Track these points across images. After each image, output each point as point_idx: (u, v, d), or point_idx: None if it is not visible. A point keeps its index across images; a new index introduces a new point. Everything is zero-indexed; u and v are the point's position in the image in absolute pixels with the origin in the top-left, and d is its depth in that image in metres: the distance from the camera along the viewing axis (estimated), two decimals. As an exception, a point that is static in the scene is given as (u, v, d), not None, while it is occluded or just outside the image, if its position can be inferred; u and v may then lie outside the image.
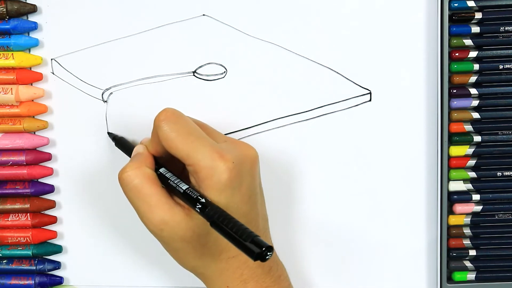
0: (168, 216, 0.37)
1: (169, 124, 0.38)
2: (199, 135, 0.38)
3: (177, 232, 0.38)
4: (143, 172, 0.38)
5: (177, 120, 0.38)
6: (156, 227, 0.38)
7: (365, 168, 0.48)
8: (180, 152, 0.37)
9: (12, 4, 0.46)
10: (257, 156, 0.40)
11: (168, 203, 0.37)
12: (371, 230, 0.48)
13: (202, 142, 0.37)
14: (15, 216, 0.48)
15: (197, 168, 0.37)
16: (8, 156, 0.47)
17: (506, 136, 0.47)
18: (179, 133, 0.38)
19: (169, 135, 0.38)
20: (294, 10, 0.47)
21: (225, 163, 0.37)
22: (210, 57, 0.47)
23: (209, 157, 0.37)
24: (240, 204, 0.38)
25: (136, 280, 0.49)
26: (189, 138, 0.37)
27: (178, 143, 0.37)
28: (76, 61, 0.47)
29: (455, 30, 0.46)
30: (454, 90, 0.46)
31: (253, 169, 0.39)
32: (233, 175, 0.37)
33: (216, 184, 0.37)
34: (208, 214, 0.35)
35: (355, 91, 0.47)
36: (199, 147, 0.37)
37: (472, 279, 0.48)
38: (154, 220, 0.37)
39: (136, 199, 0.38)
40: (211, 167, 0.37)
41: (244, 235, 0.33)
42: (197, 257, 0.39)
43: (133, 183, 0.38)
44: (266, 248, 0.32)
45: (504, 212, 0.47)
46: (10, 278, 0.48)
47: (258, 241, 0.32)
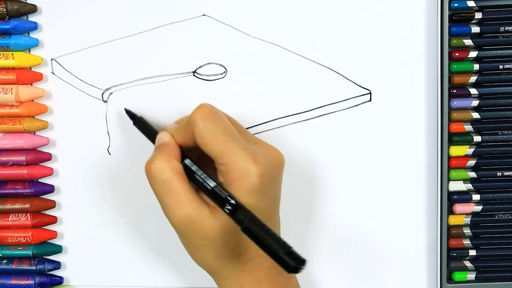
0: (195, 213, 0.37)
1: (206, 122, 0.38)
2: (235, 136, 0.38)
3: (201, 230, 0.37)
4: (172, 166, 0.38)
5: (214, 118, 0.38)
6: (181, 223, 0.37)
7: (365, 168, 0.48)
8: (215, 151, 0.37)
9: (12, 4, 0.46)
10: (284, 162, 0.40)
11: (196, 200, 0.37)
12: (371, 230, 0.48)
13: (237, 144, 0.37)
14: (15, 216, 0.48)
15: (229, 169, 0.37)
16: (8, 156, 0.47)
17: (506, 136, 0.47)
18: (216, 132, 0.37)
19: (206, 133, 0.37)
20: (294, 10, 0.47)
21: (258, 167, 0.37)
22: (210, 57, 0.47)
23: (243, 159, 0.37)
24: (266, 209, 0.38)
25: (136, 280, 0.49)
26: (225, 139, 0.37)
27: (214, 142, 0.37)
28: (76, 61, 0.47)
29: (455, 30, 0.46)
30: (454, 90, 0.46)
31: (280, 175, 0.40)
32: (264, 180, 0.37)
33: (247, 187, 0.37)
34: (239, 217, 0.35)
35: (355, 91, 0.47)
36: (234, 148, 0.37)
37: (472, 279, 0.48)
38: (181, 216, 0.37)
39: (164, 194, 0.38)
40: (244, 169, 0.37)
41: (279, 246, 0.33)
42: (216, 256, 0.39)
43: (162, 177, 0.38)
44: (302, 260, 0.32)
45: (504, 212, 0.47)
46: (10, 278, 0.48)
47: (293, 253, 0.32)
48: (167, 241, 0.49)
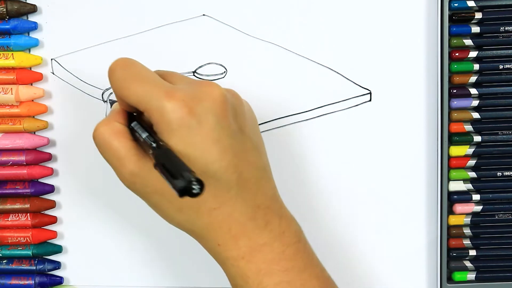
0: (137, 168, 0.35)
1: (118, 72, 0.36)
2: (149, 77, 0.35)
3: (148, 184, 0.35)
4: (112, 127, 0.36)
5: (126, 67, 0.36)
6: (127, 181, 0.36)
7: (365, 168, 0.48)
8: (132, 99, 0.35)
9: (12, 4, 0.46)
10: (220, 93, 0.35)
11: (136, 155, 0.35)
12: (371, 230, 0.48)
13: (151, 84, 0.35)
14: (15, 216, 0.48)
15: (149, 113, 0.34)
16: (8, 156, 0.47)
17: (506, 136, 0.47)
18: (128, 79, 0.35)
19: (119, 84, 0.35)
20: (294, 10, 0.47)
21: (174, 101, 0.33)
22: (210, 57, 0.47)
23: (156, 98, 0.34)
24: (205, 146, 0.34)
25: (136, 280, 0.49)
26: (138, 82, 0.35)
27: (128, 90, 0.35)
28: (76, 61, 0.47)
29: (455, 30, 0.46)
30: (454, 90, 0.46)
31: (218, 108, 0.34)
32: (185, 114, 0.33)
33: (167, 125, 0.33)
34: (155, 156, 0.32)
35: (355, 91, 0.47)
36: (148, 89, 0.34)
37: (472, 279, 0.48)
38: (125, 173, 0.36)
39: (107, 154, 0.36)
40: (160, 107, 0.33)
41: (176, 172, 0.30)
42: (177, 211, 0.36)
43: (103, 138, 0.36)
44: (192, 180, 0.29)
45: (504, 212, 0.47)
46: (10, 278, 0.48)
47: (185, 176, 0.29)
48: (167, 241, 0.49)
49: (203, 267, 0.49)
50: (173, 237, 0.49)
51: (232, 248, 0.36)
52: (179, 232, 0.48)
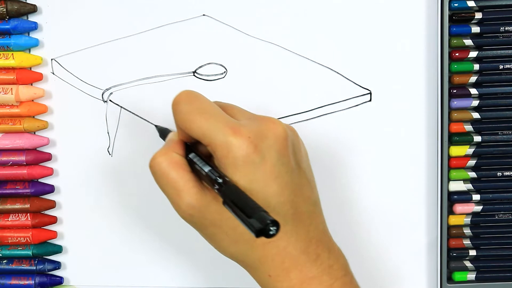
0: (195, 200, 0.36)
1: (182, 106, 0.36)
2: (214, 112, 0.36)
3: (206, 216, 0.36)
4: (170, 158, 0.37)
5: (190, 100, 0.37)
6: (185, 213, 0.36)
7: (365, 168, 0.48)
8: (196, 132, 0.35)
9: (12, 4, 0.46)
10: (283, 131, 0.36)
11: (195, 187, 0.36)
12: (371, 230, 0.48)
13: (216, 119, 0.35)
14: (15, 216, 0.48)
15: (213, 147, 0.35)
16: (8, 156, 0.47)
17: (506, 136, 0.47)
18: (193, 113, 0.36)
19: (184, 117, 0.36)
20: (294, 10, 0.47)
21: (240, 138, 0.34)
22: (210, 57, 0.47)
23: (222, 133, 0.34)
24: (267, 182, 0.35)
25: (136, 280, 0.49)
26: (203, 116, 0.35)
27: (193, 123, 0.35)
28: (76, 61, 0.47)
29: (455, 30, 0.46)
30: (454, 90, 0.46)
31: (280, 145, 0.36)
32: (251, 151, 0.34)
33: (232, 161, 0.34)
34: (223, 192, 0.33)
35: (355, 91, 0.47)
36: (213, 124, 0.35)
37: (472, 279, 0.48)
38: (182, 205, 0.36)
39: (164, 185, 0.37)
40: (225, 143, 0.34)
41: (250, 211, 0.30)
42: (232, 243, 0.37)
43: (161, 170, 0.37)
44: (270, 222, 0.29)
45: (504, 212, 0.47)
46: (10, 278, 0.48)
47: (261, 216, 0.30)
48: (167, 241, 0.49)
49: (203, 267, 0.49)
50: (173, 237, 0.49)
51: (283, 280, 0.36)
52: (179, 232, 0.49)
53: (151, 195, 0.48)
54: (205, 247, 0.48)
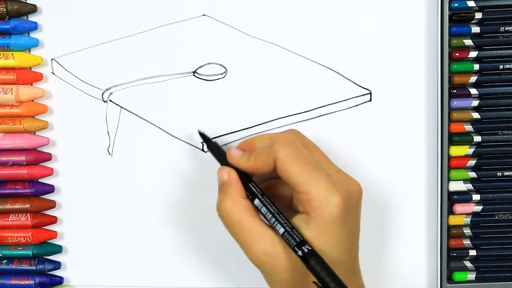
0: (269, 248, 0.38)
1: (289, 150, 0.38)
2: (317, 165, 0.39)
3: (279, 263, 0.38)
4: (239, 206, 0.39)
5: (297, 148, 0.39)
6: (258, 259, 0.38)
7: (365, 168, 0.48)
8: (298, 179, 0.38)
9: (12, 4, 0.46)
10: (361, 193, 0.40)
11: (269, 234, 0.38)
12: (371, 230, 0.48)
13: (319, 173, 0.38)
14: (15, 216, 0.48)
15: (310, 198, 0.37)
16: (8, 156, 0.47)
17: (506, 136, 0.47)
18: (299, 160, 0.38)
19: (289, 161, 0.38)
20: (294, 10, 0.47)
21: (339, 197, 0.37)
22: (210, 57, 0.47)
23: (324, 189, 0.37)
24: (346, 240, 0.38)
25: (136, 280, 0.49)
26: (308, 167, 0.38)
27: (298, 170, 0.38)
28: (76, 61, 0.47)
29: (455, 30, 0.46)
30: (454, 90, 0.46)
31: (358, 205, 0.40)
32: (344, 210, 0.37)
33: (328, 216, 0.37)
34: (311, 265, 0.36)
35: (355, 91, 0.47)
36: (316, 177, 0.38)
37: (472, 279, 0.48)
38: (257, 252, 0.38)
39: (238, 234, 0.39)
40: (325, 198, 0.37)
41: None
42: None
43: (233, 219, 0.38)
44: None
45: (504, 212, 0.47)
46: (10, 278, 0.48)
47: None
48: (166, 241, 0.49)
49: (203, 267, 0.49)
50: (173, 237, 0.49)
51: None
52: (178, 233, 0.49)
53: (151, 195, 0.48)
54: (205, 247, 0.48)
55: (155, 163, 0.48)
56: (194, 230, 0.48)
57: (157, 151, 0.48)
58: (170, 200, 0.48)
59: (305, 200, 0.38)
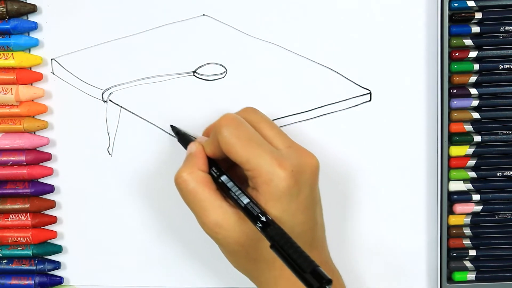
0: (221, 220, 0.38)
1: (230, 129, 0.38)
2: (260, 141, 0.39)
3: (231, 235, 0.38)
4: (195, 177, 0.39)
5: (238, 125, 0.39)
6: (211, 230, 0.38)
7: (365, 168, 0.48)
8: (240, 157, 0.38)
9: (12, 4, 0.46)
10: (317, 166, 0.40)
11: (222, 207, 0.38)
12: (371, 230, 0.48)
13: (262, 148, 0.38)
14: (15, 216, 0.48)
15: (256, 173, 0.37)
16: (8, 156, 0.47)
17: (506, 136, 0.47)
18: (240, 138, 0.38)
19: (230, 141, 0.38)
20: (294, 10, 0.47)
21: (284, 171, 0.37)
22: (210, 57, 0.47)
23: (268, 164, 0.37)
24: (296, 213, 0.38)
25: (136, 280, 0.49)
26: (250, 144, 0.38)
27: (239, 148, 0.38)
28: (76, 61, 0.47)
29: (455, 30, 0.46)
30: (454, 90, 0.46)
31: (313, 179, 0.39)
32: (292, 183, 0.37)
33: (273, 190, 0.37)
34: (269, 234, 0.35)
35: (355, 91, 0.47)
36: (260, 153, 0.37)
37: (472, 279, 0.48)
38: (209, 223, 0.38)
39: (191, 203, 0.39)
40: (270, 173, 0.37)
41: (304, 265, 0.32)
42: (251, 262, 0.39)
43: (188, 188, 0.39)
44: (325, 281, 0.32)
45: (504, 212, 0.47)
46: (10, 278, 0.48)
47: (318, 273, 0.32)
48: (167, 241, 0.49)
49: (203, 267, 0.49)
50: (173, 237, 0.49)
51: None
52: (178, 233, 0.49)
53: (151, 195, 0.48)
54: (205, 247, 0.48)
55: (155, 163, 0.48)
56: (194, 230, 0.48)
57: (157, 151, 0.48)
58: (170, 200, 0.48)
59: (252, 177, 0.38)
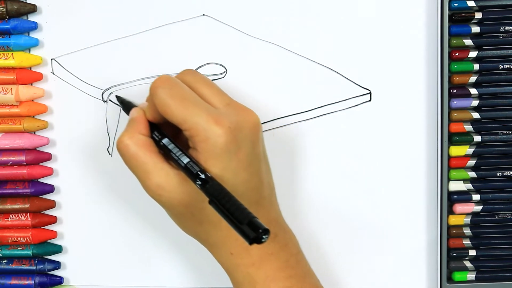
0: (164, 182, 0.37)
1: (164, 90, 0.38)
2: (195, 100, 0.38)
3: (174, 197, 0.38)
4: (137, 140, 0.38)
5: (172, 85, 0.38)
6: (154, 193, 0.38)
7: (365, 168, 0.48)
8: (176, 117, 0.37)
9: (12, 4, 0.46)
10: (258, 122, 0.39)
11: (164, 169, 0.38)
12: (371, 230, 0.48)
13: (197, 107, 0.37)
14: (15, 216, 0.48)
15: (193, 132, 0.37)
16: (8, 156, 0.47)
17: (506, 136, 0.47)
18: (174, 98, 0.37)
19: (165, 101, 0.37)
20: (294, 10, 0.47)
21: (221, 128, 0.36)
22: (210, 57, 0.47)
23: (205, 121, 0.36)
24: (238, 170, 0.37)
25: (137, 280, 0.49)
26: (184, 103, 0.37)
27: (174, 108, 0.37)
28: (76, 61, 0.47)
29: (455, 30, 0.46)
30: (454, 90, 0.46)
31: (254, 135, 0.38)
32: (229, 140, 0.36)
33: (211, 148, 0.36)
34: (208, 190, 0.35)
35: (355, 91, 0.47)
36: (195, 111, 0.37)
37: (472, 279, 0.48)
38: (152, 186, 0.38)
39: (134, 167, 0.39)
40: (206, 130, 0.36)
41: (241, 217, 0.32)
42: (198, 223, 0.39)
43: (129, 152, 0.38)
44: (262, 231, 0.31)
45: (504, 212, 0.47)
46: (10, 278, 0.48)
47: (254, 224, 0.31)
48: (167, 241, 0.49)
49: (203, 267, 0.49)
50: (173, 237, 0.49)
51: (244, 257, 0.39)
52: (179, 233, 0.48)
53: (151, 195, 0.48)
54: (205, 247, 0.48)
55: (155, 163, 0.48)
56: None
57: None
58: (170, 200, 0.48)
59: (190, 136, 0.37)
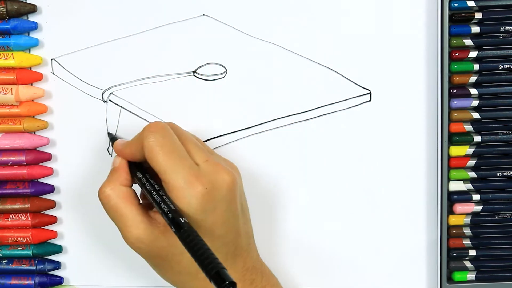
0: (143, 235, 0.38)
1: (156, 137, 0.38)
2: (181, 155, 0.39)
3: (153, 250, 0.39)
4: (118, 192, 0.39)
5: (164, 134, 0.39)
6: (133, 245, 0.39)
7: (365, 168, 0.48)
8: (159, 166, 0.38)
9: (12, 4, 0.46)
10: (234, 182, 0.39)
11: (143, 222, 0.39)
12: (371, 230, 0.48)
13: (181, 162, 0.38)
14: (15, 216, 0.48)
15: (170, 187, 0.37)
16: (8, 156, 0.47)
17: (506, 136, 0.47)
18: (163, 148, 0.38)
19: (154, 148, 0.38)
20: (294, 10, 0.47)
21: (197, 189, 0.37)
22: (210, 57, 0.47)
23: (184, 179, 0.37)
24: (213, 227, 0.38)
25: (136, 280, 0.49)
26: (170, 156, 0.38)
27: (160, 157, 0.38)
28: (76, 61, 0.47)
29: (455, 30, 0.46)
30: (454, 90, 0.46)
31: (230, 195, 0.39)
32: (205, 201, 0.37)
33: (187, 207, 0.37)
34: (182, 236, 0.35)
35: (355, 91, 0.47)
36: (178, 166, 0.38)
37: (472, 279, 0.48)
38: (131, 238, 0.39)
39: (114, 218, 0.40)
40: (183, 189, 0.37)
41: (209, 267, 0.33)
42: (175, 274, 0.40)
43: (110, 203, 0.39)
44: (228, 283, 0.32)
45: (504, 212, 0.47)
46: (10, 278, 0.48)
47: (221, 276, 0.32)
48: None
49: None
50: (173, 237, 0.49)
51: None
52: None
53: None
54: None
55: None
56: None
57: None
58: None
59: (167, 189, 0.38)
